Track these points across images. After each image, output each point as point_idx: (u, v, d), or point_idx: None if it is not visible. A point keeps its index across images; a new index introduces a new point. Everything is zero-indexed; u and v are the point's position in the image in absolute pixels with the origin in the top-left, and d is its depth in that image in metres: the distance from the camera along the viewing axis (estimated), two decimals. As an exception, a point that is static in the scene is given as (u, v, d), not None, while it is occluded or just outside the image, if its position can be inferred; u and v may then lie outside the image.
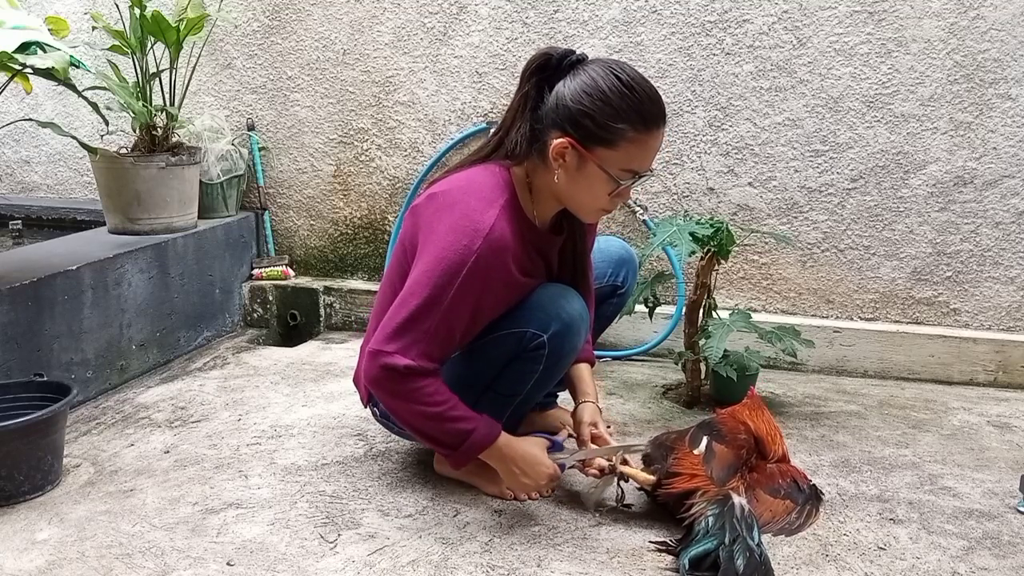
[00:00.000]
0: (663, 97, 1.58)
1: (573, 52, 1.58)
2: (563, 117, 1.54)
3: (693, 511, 1.60)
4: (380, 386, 1.59)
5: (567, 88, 1.54)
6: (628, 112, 1.51)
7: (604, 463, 1.74)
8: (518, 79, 1.63)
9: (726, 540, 1.50)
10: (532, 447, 1.74)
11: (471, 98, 2.84)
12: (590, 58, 1.59)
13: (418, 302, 1.55)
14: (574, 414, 1.84)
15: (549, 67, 1.58)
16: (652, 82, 1.57)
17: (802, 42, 2.54)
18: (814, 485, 1.78)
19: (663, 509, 1.70)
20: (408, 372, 1.55)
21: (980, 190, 2.51)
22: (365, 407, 1.89)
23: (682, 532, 1.62)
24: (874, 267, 2.62)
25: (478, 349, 1.69)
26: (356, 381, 1.88)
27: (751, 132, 2.63)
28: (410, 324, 1.55)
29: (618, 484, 1.74)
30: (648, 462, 1.76)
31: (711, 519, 1.55)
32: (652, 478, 1.71)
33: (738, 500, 1.59)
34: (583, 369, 1.89)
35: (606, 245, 2.03)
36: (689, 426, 1.83)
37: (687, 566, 1.48)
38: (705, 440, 1.73)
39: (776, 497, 1.70)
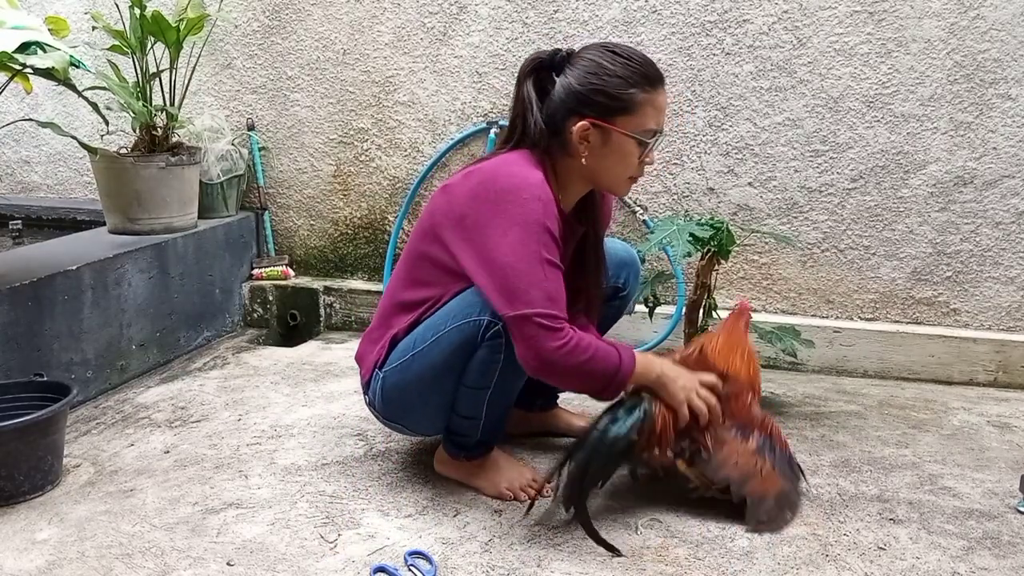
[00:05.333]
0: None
1: (560, 50, 1.67)
2: (577, 102, 1.62)
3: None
4: (539, 346, 1.55)
5: (571, 77, 1.63)
6: (633, 77, 1.62)
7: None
8: (515, 82, 1.72)
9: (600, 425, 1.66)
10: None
11: (471, 98, 2.84)
12: (578, 48, 1.68)
13: (511, 260, 1.55)
14: None
15: (543, 66, 1.67)
16: None
17: (802, 42, 2.54)
18: (796, 461, 1.81)
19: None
20: (560, 322, 1.55)
21: (980, 190, 2.51)
22: (365, 392, 1.83)
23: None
24: (874, 267, 2.62)
25: (441, 338, 1.68)
26: (359, 359, 1.85)
27: (751, 132, 2.63)
28: (518, 280, 1.55)
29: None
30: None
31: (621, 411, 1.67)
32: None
33: (647, 403, 1.67)
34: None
35: (609, 246, 2.00)
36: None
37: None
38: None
39: (746, 442, 1.71)
